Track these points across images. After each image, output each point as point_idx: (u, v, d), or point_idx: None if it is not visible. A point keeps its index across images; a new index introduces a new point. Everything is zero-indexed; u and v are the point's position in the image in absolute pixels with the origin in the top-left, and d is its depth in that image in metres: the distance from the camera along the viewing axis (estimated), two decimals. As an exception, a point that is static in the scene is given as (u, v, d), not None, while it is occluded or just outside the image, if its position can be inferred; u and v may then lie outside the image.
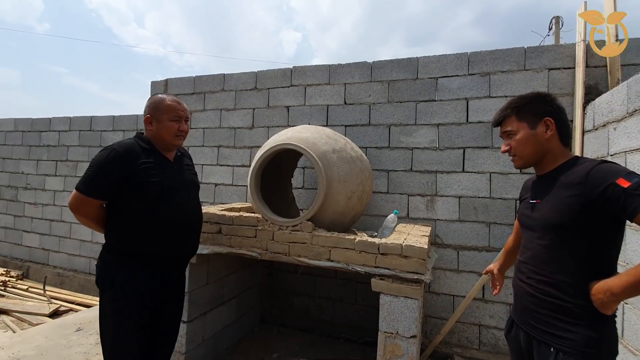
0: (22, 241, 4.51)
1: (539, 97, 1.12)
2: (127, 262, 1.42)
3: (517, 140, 1.11)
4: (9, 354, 2.34)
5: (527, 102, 1.12)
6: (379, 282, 1.69)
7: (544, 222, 1.04)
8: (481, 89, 2.43)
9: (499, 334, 2.36)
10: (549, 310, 1.01)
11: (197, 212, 1.64)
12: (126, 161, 1.39)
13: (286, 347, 2.58)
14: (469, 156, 2.44)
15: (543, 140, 1.08)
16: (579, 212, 0.96)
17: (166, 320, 1.56)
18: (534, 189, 1.16)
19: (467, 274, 2.43)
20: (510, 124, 1.13)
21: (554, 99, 1.12)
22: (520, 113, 1.11)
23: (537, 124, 1.09)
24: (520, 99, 1.14)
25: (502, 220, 2.36)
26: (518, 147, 1.12)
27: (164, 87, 3.44)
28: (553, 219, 1.01)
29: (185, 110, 1.56)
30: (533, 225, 1.10)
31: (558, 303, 0.99)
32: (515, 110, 1.12)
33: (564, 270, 1.00)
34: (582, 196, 0.95)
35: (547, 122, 1.08)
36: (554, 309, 1.00)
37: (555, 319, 1.00)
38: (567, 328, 0.97)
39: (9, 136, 4.70)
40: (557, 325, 0.99)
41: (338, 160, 1.95)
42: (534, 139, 1.09)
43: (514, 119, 1.12)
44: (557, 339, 0.98)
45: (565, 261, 0.99)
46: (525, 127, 1.10)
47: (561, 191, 1.01)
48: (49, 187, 4.32)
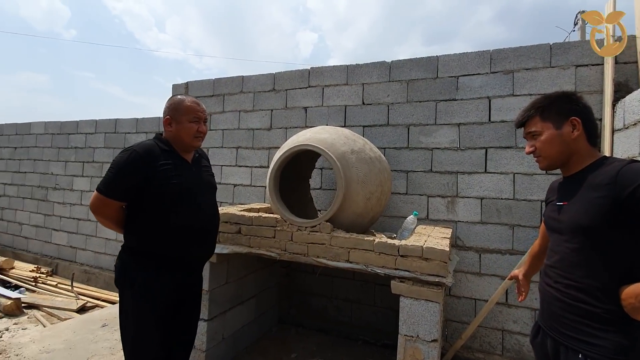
0: (52, 239, 4.71)
1: (564, 96, 1.09)
2: (146, 264, 1.42)
3: (542, 141, 1.09)
4: (40, 347, 2.45)
5: (551, 101, 1.09)
6: (398, 285, 1.67)
7: (572, 225, 1.01)
8: (504, 87, 2.36)
9: (523, 340, 2.29)
10: (578, 315, 0.98)
11: (215, 213, 1.64)
12: (146, 163, 1.39)
13: (304, 347, 2.59)
14: (492, 156, 2.37)
15: (569, 141, 1.05)
16: (608, 213, 0.92)
17: (185, 319, 1.58)
18: (561, 190, 1.12)
19: (490, 278, 2.36)
20: (535, 124, 1.10)
21: (580, 97, 1.09)
22: (544, 113, 1.09)
23: (562, 124, 1.06)
24: (544, 99, 1.11)
25: (527, 223, 2.28)
26: (543, 147, 1.09)
27: (184, 89, 3.52)
28: (581, 221, 0.98)
29: (204, 111, 1.55)
30: (560, 228, 1.06)
31: (587, 308, 0.96)
32: (539, 110, 1.10)
33: (593, 274, 0.96)
34: (612, 197, 0.92)
35: (573, 122, 1.05)
36: (583, 314, 0.97)
37: (584, 325, 0.96)
38: (596, 334, 0.94)
39: (40, 139, 4.92)
40: (586, 331, 0.95)
41: (357, 161, 1.94)
42: (559, 139, 1.06)
43: (538, 119, 1.10)
44: (586, 345, 0.95)
45: (595, 265, 0.96)
46: (550, 128, 1.07)
47: (589, 192, 0.98)
48: (77, 187, 4.50)
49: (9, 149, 5.26)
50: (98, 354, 2.39)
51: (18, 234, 5.07)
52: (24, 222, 5.00)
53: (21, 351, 2.39)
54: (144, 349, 1.41)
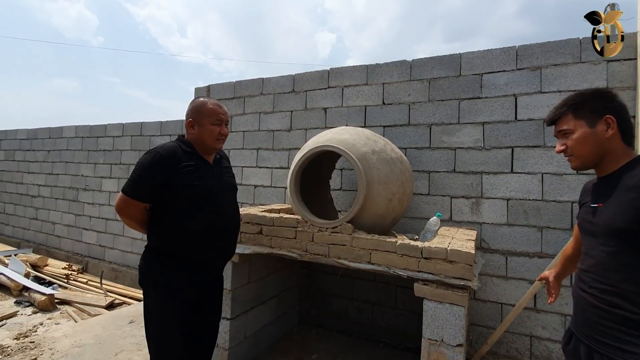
0: (82, 238, 4.92)
1: (598, 94, 1.06)
2: (169, 264, 1.45)
3: (575, 140, 1.05)
4: (72, 341, 2.56)
5: (585, 99, 1.05)
6: (422, 287, 1.64)
7: (608, 227, 0.97)
8: (531, 84, 2.28)
9: (553, 347, 2.20)
10: (614, 322, 0.93)
11: (236, 214, 1.66)
12: (169, 164, 1.41)
13: (325, 348, 2.58)
14: (518, 156, 2.30)
15: (603, 140, 1.01)
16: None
17: (207, 318, 1.60)
18: (595, 192, 1.08)
19: (517, 281, 2.28)
20: (567, 122, 1.07)
21: (615, 95, 1.05)
22: (578, 111, 1.05)
23: (596, 123, 1.02)
24: (577, 96, 1.07)
25: (557, 225, 2.19)
26: (575, 147, 1.05)
27: (206, 92, 3.59)
28: (617, 224, 0.94)
29: (225, 113, 1.57)
30: (595, 230, 1.02)
31: (624, 314, 0.91)
32: (572, 107, 1.06)
33: (630, 278, 0.92)
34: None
35: (607, 120, 1.01)
36: (621, 321, 0.92)
37: (622, 332, 0.92)
38: (635, 342, 0.89)
39: (71, 142, 5.16)
40: (624, 338, 0.91)
41: (378, 161, 1.92)
42: (593, 138, 1.02)
43: (570, 117, 1.06)
44: (624, 353, 0.91)
45: (632, 269, 0.92)
46: (583, 126, 1.04)
47: (626, 193, 0.95)
48: (105, 188, 4.69)
49: (43, 152, 5.54)
50: (126, 349, 2.47)
51: (51, 232, 5.33)
52: (57, 221, 5.25)
53: (54, 345, 2.50)
54: (168, 347, 1.44)
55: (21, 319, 3.20)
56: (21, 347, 2.50)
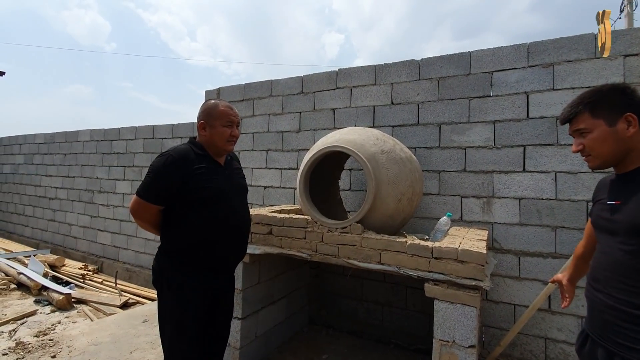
0: (97, 239, 5.04)
1: (617, 90, 1.00)
2: (181, 266, 1.47)
3: (593, 139, 1.00)
4: (88, 340, 2.62)
5: (603, 95, 1.00)
6: (432, 288, 1.63)
7: (630, 226, 0.93)
8: (544, 82, 2.24)
9: (569, 349, 2.15)
10: (636, 324, 0.90)
11: (247, 215, 1.68)
12: (182, 167, 1.43)
13: (335, 349, 2.58)
14: (531, 154, 2.25)
15: (625, 139, 0.96)
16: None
17: (220, 318, 1.62)
18: (614, 189, 1.04)
19: (530, 282, 2.24)
20: (583, 121, 1.01)
21: (634, 90, 0.99)
22: (596, 109, 0.99)
23: (616, 121, 0.97)
24: (594, 93, 1.02)
25: (571, 224, 2.14)
26: (594, 146, 1.00)
27: (216, 95, 3.64)
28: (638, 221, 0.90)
29: (237, 115, 1.59)
30: (614, 228, 0.98)
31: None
32: (589, 105, 1.00)
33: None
34: None
35: (628, 118, 0.96)
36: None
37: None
38: None
39: (86, 145, 5.29)
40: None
41: (387, 161, 1.92)
42: (613, 137, 0.97)
43: (587, 115, 1.00)
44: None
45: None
46: (602, 125, 0.98)
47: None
48: (119, 191, 4.79)
49: (60, 155, 5.70)
50: (140, 347, 2.52)
51: (68, 234, 5.47)
52: (73, 223, 5.40)
53: (72, 343, 2.57)
54: (181, 347, 1.46)
55: (40, 318, 3.30)
56: (41, 345, 2.58)
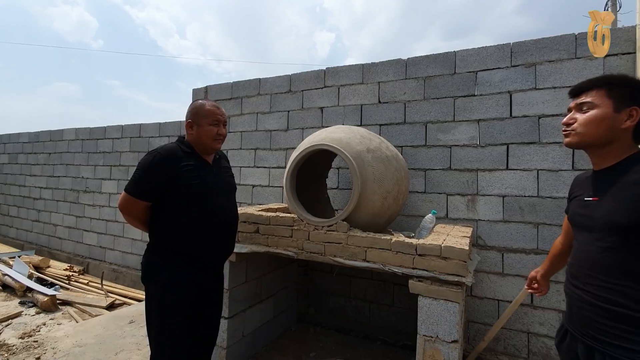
0: (83, 239, 4.96)
1: (636, 83, 1.00)
2: (169, 262, 1.49)
3: (591, 116, 1.00)
4: (73, 341, 2.58)
5: (625, 82, 1.00)
6: (416, 284, 1.65)
7: (606, 222, 0.94)
8: (526, 81, 2.28)
9: (551, 343, 2.20)
10: (614, 320, 0.92)
11: (234, 213, 1.69)
12: (169, 164, 1.45)
13: (323, 346, 2.59)
14: (514, 152, 2.30)
15: (617, 128, 0.97)
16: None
17: (207, 316, 1.63)
18: (590, 185, 1.05)
19: (513, 278, 2.29)
20: (597, 96, 1.00)
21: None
22: (613, 90, 0.99)
23: (622, 109, 0.97)
24: (619, 77, 1.02)
25: (553, 221, 2.19)
26: (588, 123, 1.00)
27: (204, 93, 3.61)
28: (617, 219, 0.92)
29: (223, 114, 1.61)
30: (591, 225, 1.00)
31: (625, 312, 0.90)
32: (609, 85, 1.00)
33: (630, 275, 0.90)
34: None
35: (632, 112, 0.97)
36: (620, 319, 0.91)
37: (623, 330, 0.90)
38: (636, 340, 0.88)
39: (71, 144, 5.19)
40: (625, 336, 0.90)
41: (373, 159, 1.93)
42: (610, 122, 0.98)
43: (603, 93, 1.00)
44: (628, 352, 0.89)
45: (632, 265, 0.90)
46: (609, 106, 0.98)
47: (627, 188, 0.92)
48: (105, 190, 4.72)
49: (44, 154, 5.58)
50: (126, 349, 2.49)
51: (53, 234, 5.37)
52: (58, 223, 5.29)
53: (57, 345, 2.53)
54: (168, 343, 1.46)
55: (25, 319, 3.23)
56: (25, 346, 2.53)
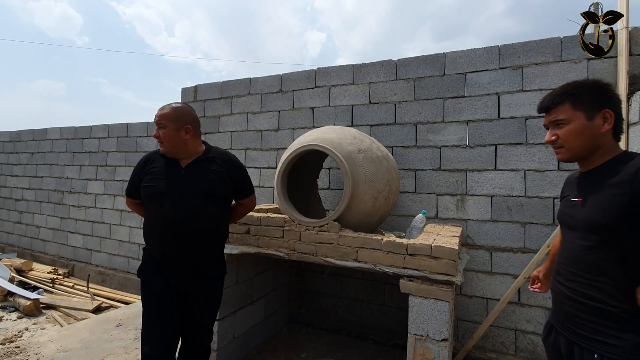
0: (68, 241, 4.83)
1: (599, 86, 1.01)
2: (147, 260, 1.64)
3: (569, 131, 1.01)
4: (58, 346, 2.51)
5: (586, 89, 1.01)
6: (407, 284, 1.66)
7: (587, 222, 0.98)
8: (513, 83, 2.33)
9: (537, 340, 2.24)
10: (592, 315, 0.96)
11: (193, 215, 1.53)
12: (143, 166, 1.64)
13: (315, 347, 2.59)
14: (501, 153, 2.34)
15: (598, 134, 0.99)
16: (626, 211, 0.89)
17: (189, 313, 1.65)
18: (577, 186, 1.08)
19: (501, 277, 2.33)
20: (564, 112, 1.02)
21: (613, 89, 1.02)
22: (577, 101, 1.00)
23: (594, 115, 0.98)
24: (578, 85, 1.02)
25: (539, 220, 2.24)
26: (569, 138, 1.01)
27: (193, 93, 3.57)
28: (597, 219, 0.95)
29: (159, 116, 1.59)
30: (575, 224, 1.03)
31: (602, 307, 0.94)
32: (572, 97, 1.01)
33: (608, 273, 0.94)
34: (630, 195, 0.89)
35: (605, 115, 0.98)
36: (598, 314, 0.94)
37: (600, 325, 0.94)
38: (612, 334, 0.92)
39: (55, 144, 5.06)
40: (602, 331, 0.93)
41: (364, 160, 1.94)
42: (589, 131, 0.99)
43: (569, 106, 1.01)
44: (602, 345, 0.93)
45: (610, 263, 0.93)
46: (581, 117, 0.99)
47: (608, 189, 0.95)
48: (91, 191, 4.61)
49: (27, 154, 5.42)
50: (113, 352, 2.44)
51: (36, 236, 5.22)
52: (42, 225, 5.14)
53: (40, 350, 2.46)
54: (147, 333, 1.57)
55: (6, 324, 3.14)
56: (7, 353, 2.45)
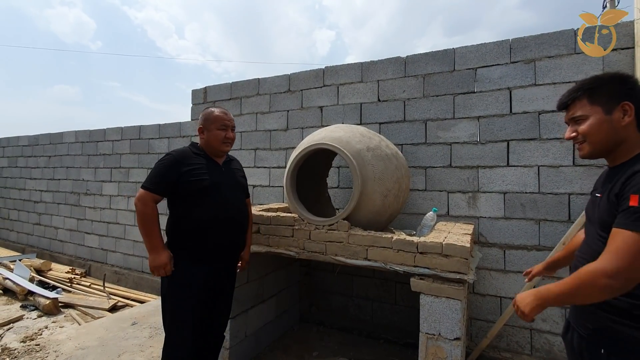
0: (84, 242, 4.96)
1: (617, 78, 0.99)
2: (181, 256, 1.62)
3: (589, 126, 0.99)
4: (76, 344, 2.58)
5: (603, 83, 0.99)
6: (418, 282, 1.65)
7: (599, 218, 0.98)
8: (526, 77, 2.28)
9: (554, 339, 2.19)
10: (601, 309, 0.95)
11: (243, 208, 1.81)
12: (180, 162, 1.63)
13: (326, 345, 2.59)
14: (514, 149, 2.29)
15: (619, 128, 0.96)
16: None
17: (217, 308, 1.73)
18: (603, 181, 1.06)
19: (515, 275, 2.28)
20: (581, 107, 1.00)
21: (635, 80, 0.98)
22: (594, 95, 0.98)
23: (613, 109, 0.96)
24: (594, 80, 1.00)
25: (554, 217, 2.19)
26: (589, 133, 0.99)
27: (203, 94, 3.61)
28: (604, 216, 0.95)
29: (231, 120, 1.76)
30: (593, 219, 1.03)
31: (611, 302, 0.92)
32: (588, 92, 0.99)
33: None
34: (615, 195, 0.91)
35: (625, 107, 0.95)
36: (607, 309, 0.93)
37: (608, 319, 0.93)
38: (620, 329, 0.91)
39: (71, 147, 5.19)
40: (609, 325, 0.93)
41: (373, 158, 1.93)
42: (609, 125, 0.96)
43: (586, 102, 0.99)
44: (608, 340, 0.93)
45: None
46: (599, 112, 0.97)
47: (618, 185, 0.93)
48: (106, 192, 4.72)
49: (44, 157, 5.58)
50: (128, 350, 2.49)
51: (54, 237, 5.37)
52: (59, 226, 5.29)
53: (59, 348, 2.53)
54: (179, 332, 1.58)
55: (27, 323, 3.23)
56: (27, 350, 2.53)
